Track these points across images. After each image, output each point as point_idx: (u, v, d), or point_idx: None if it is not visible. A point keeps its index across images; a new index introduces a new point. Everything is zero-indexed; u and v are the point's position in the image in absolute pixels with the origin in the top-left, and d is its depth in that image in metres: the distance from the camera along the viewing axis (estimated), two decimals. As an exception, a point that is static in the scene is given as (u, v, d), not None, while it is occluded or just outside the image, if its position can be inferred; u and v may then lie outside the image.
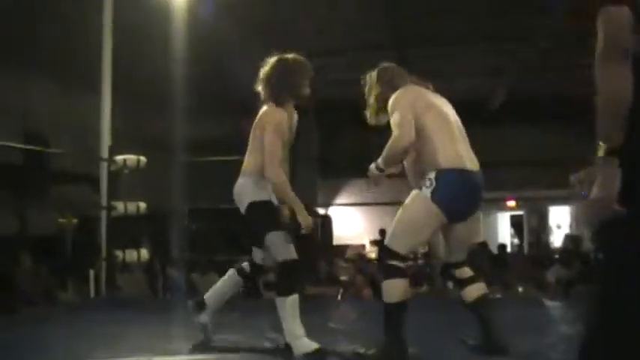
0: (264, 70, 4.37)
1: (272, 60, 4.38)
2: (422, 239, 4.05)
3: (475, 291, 4.05)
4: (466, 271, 4.11)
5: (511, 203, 16.12)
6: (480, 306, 4.03)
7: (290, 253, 4.17)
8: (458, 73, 12.46)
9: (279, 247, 4.17)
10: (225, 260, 10.15)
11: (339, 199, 17.22)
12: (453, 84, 13.11)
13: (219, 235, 13.13)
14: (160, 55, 9.48)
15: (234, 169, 4.45)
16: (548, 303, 7.30)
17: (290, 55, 4.40)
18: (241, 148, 4.49)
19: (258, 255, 4.55)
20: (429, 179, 3.76)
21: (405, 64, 11.73)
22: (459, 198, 3.81)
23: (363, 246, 16.75)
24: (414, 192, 3.89)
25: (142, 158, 7.75)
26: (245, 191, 4.29)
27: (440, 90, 4.17)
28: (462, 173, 3.80)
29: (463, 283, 4.08)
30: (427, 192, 3.75)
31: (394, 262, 3.80)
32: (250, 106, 4.52)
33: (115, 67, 8.05)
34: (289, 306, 4.10)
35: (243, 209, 4.30)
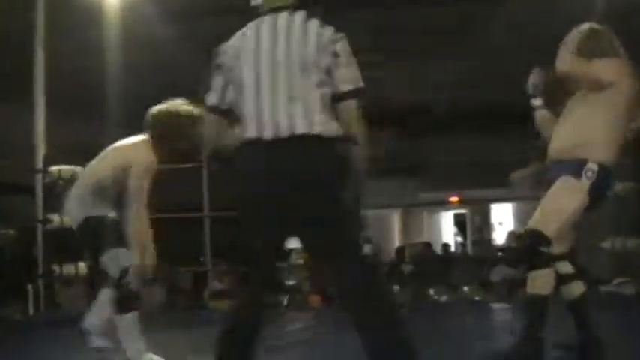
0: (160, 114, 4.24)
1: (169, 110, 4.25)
2: (567, 227, 3.73)
3: (576, 289, 3.83)
4: (567, 266, 3.85)
5: (454, 199, 16.27)
6: (580, 305, 3.81)
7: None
8: (403, 85, 12.63)
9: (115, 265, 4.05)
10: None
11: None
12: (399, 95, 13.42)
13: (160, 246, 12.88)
14: (97, 64, 9.23)
15: (178, 178, 4.30)
16: (495, 306, 7.32)
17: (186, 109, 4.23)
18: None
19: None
20: (592, 170, 3.57)
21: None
22: (605, 195, 3.73)
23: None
24: (570, 178, 3.61)
25: (78, 169, 7.53)
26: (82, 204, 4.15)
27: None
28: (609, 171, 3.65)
29: (564, 278, 3.82)
30: (587, 183, 3.57)
31: (544, 249, 3.54)
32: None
33: (50, 76, 7.81)
34: (129, 324, 4.01)
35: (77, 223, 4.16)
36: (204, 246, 10.11)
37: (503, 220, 17.07)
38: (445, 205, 16.90)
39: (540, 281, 3.57)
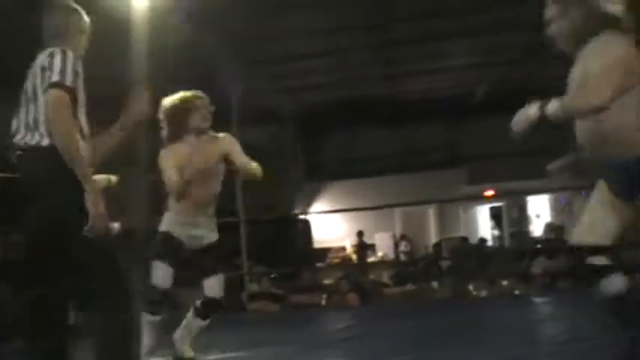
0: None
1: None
2: None
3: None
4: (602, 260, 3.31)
5: (489, 193, 16.06)
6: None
7: None
8: (438, 70, 12.35)
9: None
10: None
11: (320, 204, 17.02)
12: (434, 80, 13.25)
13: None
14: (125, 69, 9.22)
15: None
16: (536, 299, 7.19)
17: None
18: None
19: None
20: None
21: (390, 63, 11.67)
22: None
23: (344, 248, 16.58)
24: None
25: (113, 177, 7.52)
26: None
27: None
28: None
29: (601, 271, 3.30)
30: None
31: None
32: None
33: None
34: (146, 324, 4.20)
35: None
36: (240, 250, 10.11)
37: (540, 212, 16.85)
38: (481, 199, 16.73)
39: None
